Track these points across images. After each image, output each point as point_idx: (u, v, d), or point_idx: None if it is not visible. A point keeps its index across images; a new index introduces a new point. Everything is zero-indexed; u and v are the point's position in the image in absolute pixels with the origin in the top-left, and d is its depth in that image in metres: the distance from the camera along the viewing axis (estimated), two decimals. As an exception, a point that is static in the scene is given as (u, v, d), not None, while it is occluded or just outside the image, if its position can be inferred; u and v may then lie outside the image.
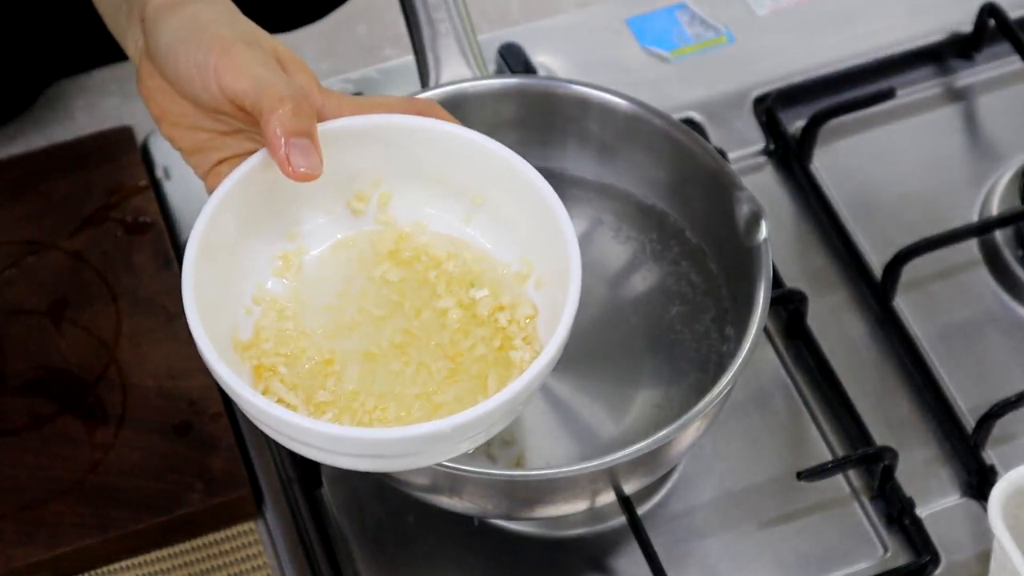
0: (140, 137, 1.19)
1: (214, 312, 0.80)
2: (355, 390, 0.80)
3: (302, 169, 0.78)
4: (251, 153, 0.82)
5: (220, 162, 0.84)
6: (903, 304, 1.13)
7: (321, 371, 0.81)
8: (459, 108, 1.05)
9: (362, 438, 0.75)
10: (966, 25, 1.25)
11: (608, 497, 0.98)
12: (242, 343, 0.82)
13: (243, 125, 0.82)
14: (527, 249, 0.83)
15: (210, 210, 0.80)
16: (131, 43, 0.87)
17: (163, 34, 0.82)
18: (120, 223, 1.14)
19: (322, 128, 0.81)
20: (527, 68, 1.22)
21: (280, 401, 0.80)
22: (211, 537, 1.04)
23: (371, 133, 0.82)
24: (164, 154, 1.18)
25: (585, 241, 1.09)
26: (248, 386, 0.77)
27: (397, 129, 0.82)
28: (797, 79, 1.23)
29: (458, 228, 0.86)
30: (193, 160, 0.85)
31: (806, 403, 1.09)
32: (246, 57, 0.80)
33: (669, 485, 1.06)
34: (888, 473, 1.04)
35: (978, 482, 1.06)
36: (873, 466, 1.05)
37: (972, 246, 1.16)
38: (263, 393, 0.80)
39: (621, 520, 1.02)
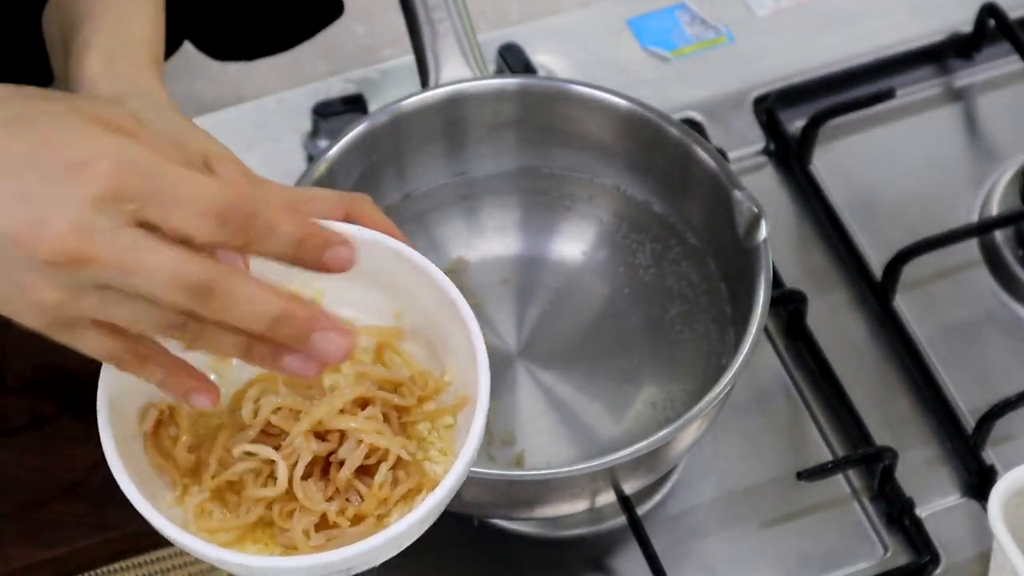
0: (140, 137, 1.19)
1: (133, 406, 0.80)
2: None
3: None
4: None
5: None
6: (903, 304, 1.13)
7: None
8: (459, 108, 1.05)
9: (264, 566, 0.76)
10: (966, 25, 1.25)
11: (608, 497, 0.98)
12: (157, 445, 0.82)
13: None
14: (448, 359, 0.83)
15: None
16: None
17: None
18: (120, 223, 1.14)
19: None
20: (527, 68, 1.22)
21: (201, 510, 0.80)
22: (211, 537, 1.04)
23: None
24: (164, 154, 1.18)
25: (585, 241, 1.09)
26: (156, 503, 0.78)
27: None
28: (797, 79, 1.23)
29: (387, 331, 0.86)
30: None
31: (806, 403, 1.09)
32: None
33: (669, 485, 1.06)
34: (888, 473, 1.04)
35: (978, 482, 1.06)
36: (873, 466, 1.05)
37: (972, 246, 1.16)
38: (182, 496, 0.81)
39: (621, 520, 1.02)
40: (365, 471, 0.79)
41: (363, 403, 0.80)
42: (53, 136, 0.67)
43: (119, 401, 0.79)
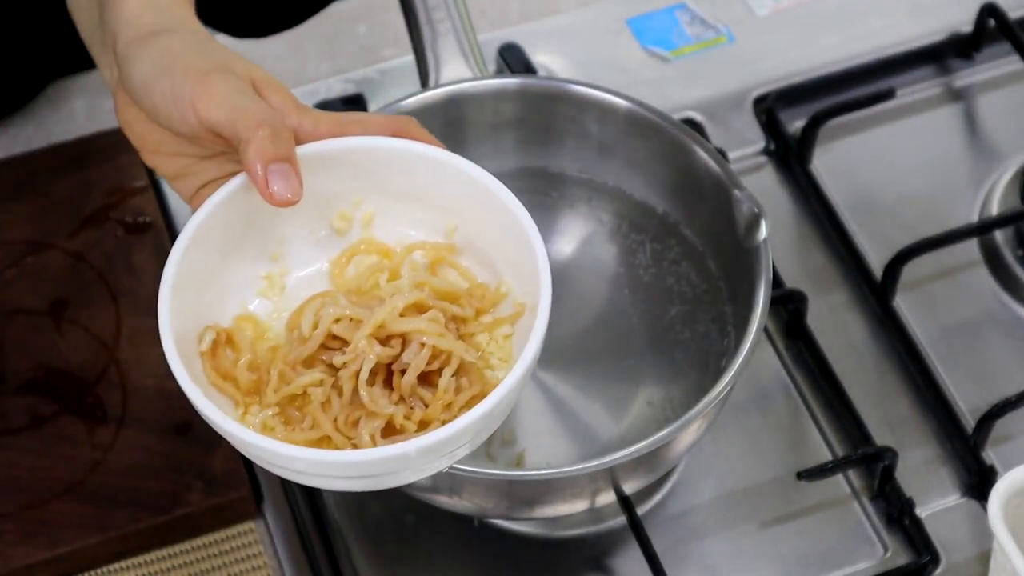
0: (140, 137, 1.19)
1: (192, 333, 0.81)
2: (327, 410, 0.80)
3: (282, 195, 0.79)
4: (234, 175, 0.82)
5: (204, 186, 0.84)
6: (903, 304, 1.13)
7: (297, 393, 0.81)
8: (459, 108, 1.05)
9: (338, 461, 0.76)
10: (966, 25, 1.25)
11: (608, 497, 0.98)
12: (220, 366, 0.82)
13: (224, 148, 0.83)
14: (504, 269, 0.83)
15: (187, 236, 0.81)
16: (106, 71, 0.87)
17: (136, 68, 0.82)
18: (120, 223, 1.14)
19: (300, 152, 0.81)
20: (527, 68, 1.22)
21: (264, 427, 0.80)
22: (211, 537, 1.04)
23: (348, 156, 0.82)
24: (164, 154, 1.18)
25: (585, 241, 1.09)
26: (225, 414, 0.77)
27: (374, 151, 0.82)
28: (797, 79, 1.23)
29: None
30: (176, 185, 0.85)
31: (806, 403, 1.09)
32: (221, 86, 0.80)
33: (669, 485, 1.06)
34: (888, 473, 1.04)
35: (978, 482, 1.06)
36: (873, 466, 1.05)
37: (972, 246, 1.16)
38: (243, 415, 0.81)
39: (621, 520, 1.02)
40: (427, 380, 0.79)
41: (422, 311, 0.81)
42: None
43: (177, 324, 0.79)
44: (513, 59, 1.22)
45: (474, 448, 0.79)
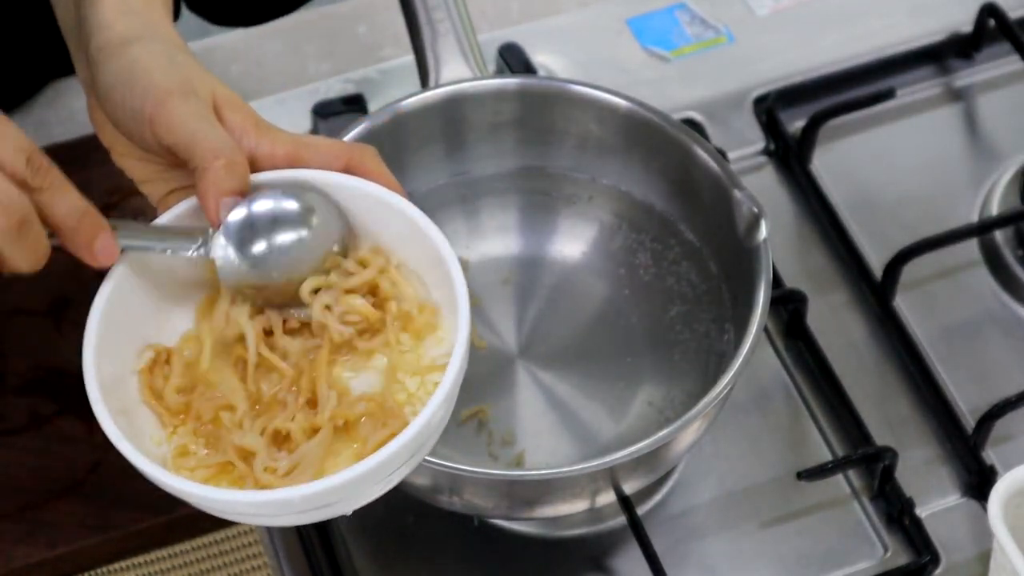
0: (140, 137, 1.19)
1: (131, 350, 0.82)
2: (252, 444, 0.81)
3: None
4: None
5: (170, 192, 0.84)
6: (903, 304, 1.13)
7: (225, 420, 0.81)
8: (459, 108, 1.05)
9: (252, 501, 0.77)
10: (966, 25, 1.25)
11: (608, 497, 0.98)
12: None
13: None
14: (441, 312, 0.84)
15: (121, 269, 0.81)
16: (81, 70, 0.88)
17: (103, 75, 0.82)
18: (120, 223, 1.14)
19: (253, 179, 0.81)
20: (527, 68, 1.22)
21: (184, 450, 0.81)
22: (211, 537, 1.04)
23: (298, 185, 0.82)
24: (164, 154, 1.18)
25: (585, 241, 1.09)
26: (158, 465, 0.78)
27: (321, 184, 0.82)
28: (797, 79, 1.23)
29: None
30: (145, 189, 0.86)
31: (806, 403, 1.09)
32: (180, 109, 0.80)
33: (669, 485, 1.06)
34: (888, 473, 1.04)
35: (978, 482, 1.06)
36: (873, 466, 1.05)
37: (972, 246, 1.16)
38: (170, 435, 0.82)
39: (621, 520, 1.02)
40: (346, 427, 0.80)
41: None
42: None
43: (116, 338, 0.81)
44: (513, 59, 1.22)
45: (410, 469, 0.79)
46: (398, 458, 0.77)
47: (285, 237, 0.81)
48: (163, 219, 0.82)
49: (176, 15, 1.28)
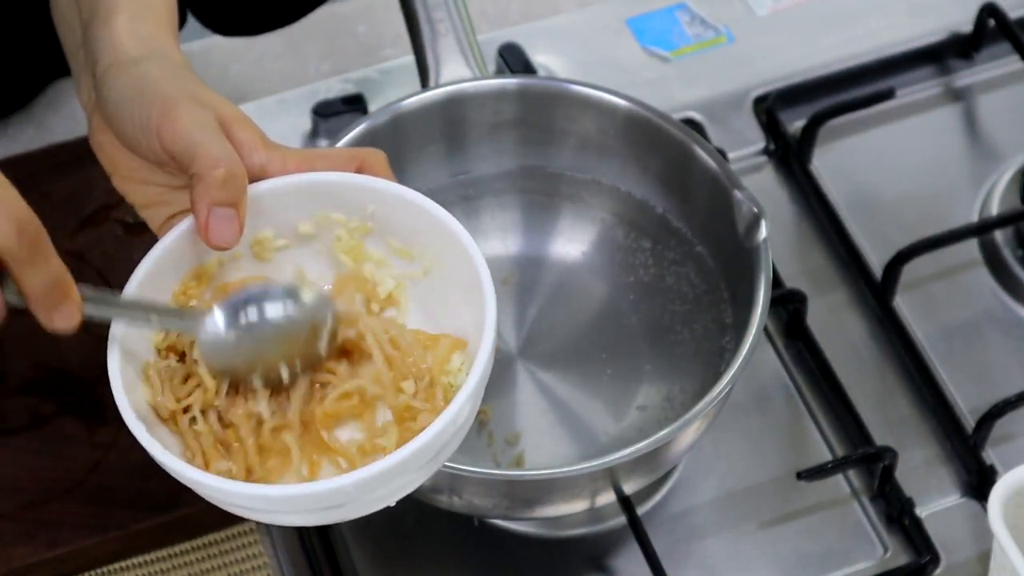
0: (140, 137, 1.19)
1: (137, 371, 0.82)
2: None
3: (218, 239, 0.79)
4: None
5: (172, 216, 0.84)
6: (903, 304, 1.13)
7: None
8: (459, 108, 1.05)
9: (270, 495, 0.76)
10: (966, 25, 1.25)
11: (608, 497, 0.98)
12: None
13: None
14: (455, 306, 0.83)
15: (139, 276, 0.81)
16: (83, 92, 0.88)
17: (112, 92, 0.82)
18: (120, 223, 1.14)
19: (262, 186, 0.81)
20: (527, 68, 1.22)
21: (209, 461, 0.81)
22: (211, 537, 1.04)
23: (309, 190, 0.82)
24: (164, 154, 1.18)
25: (585, 241, 1.09)
26: (176, 455, 0.78)
27: (334, 186, 0.82)
28: (797, 79, 1.23)
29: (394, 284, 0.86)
30: (145, 214, 0.86)
31: (806, 403, 1.09)
32: (186, 118, 0.80)
33: (669, 485, 1.06)
34: (888, 473, 1.04)
35: (978, 482, 1.06)
36: (873, 466, 1.05)
37: (972, 246, 1.16)
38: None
39: (621, 520, 1.02)
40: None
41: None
42: None
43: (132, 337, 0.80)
44: (513, 59, 1.22)
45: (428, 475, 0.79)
46: (416, 460, 0.76)
47: (271, 314, 0.81)
48: (150, 256, 0.81)
49: (181, 23, 1.28)
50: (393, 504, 0.78)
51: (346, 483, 0.75)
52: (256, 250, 0.84)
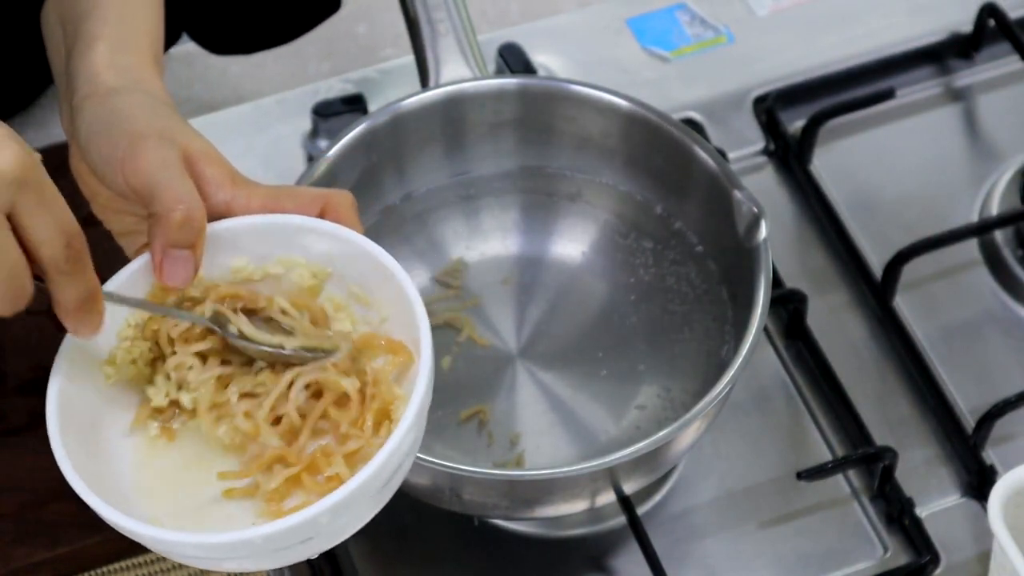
0: (140, 137, 1.19)
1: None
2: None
3: (171, 279, 0.79)
4: None
5: (145, 245, 0.84)
6: (903, 304, 1.13)
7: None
8: (459, 108, 1.05)
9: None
10: (966, 25, 1.25)
11: (608, 497, 0.98)
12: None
13: None
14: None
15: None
16: (64, 119, 0.88)
17: (84, 123, 0.83)
18: (120, 223, 1.14)
19: (221, 225, 0.81)
20: (527, 68, 1.22)
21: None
22: (211, 537, 1.04)
23: (267, 231, 0.82)
24: (164, 154, 1.18)
25: (585, 241, 1.09)
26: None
27: (291, 229, 0.82)
28: (797, 79, 1.23)
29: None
30: (122, 242, 0.86)
31: (806, 403, 1.09)
32: (150, 156, 0.80)
33: (669, 485, 1.06)
34: (888, 473, 1.04)
35: (978, 482, 1.06)
36: (873, 466, 1.05)
37: (972, 246, 1.16)
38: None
39: (621, 520, 1.02)
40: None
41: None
42: None
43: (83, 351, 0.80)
44: (513, 59, 1.22)
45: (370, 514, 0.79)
46: (368, 488, 0.76)
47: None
48: (115, 279, 0.81)
49: (175, 40, 1.28)
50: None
51: (298, 521, 0.75)
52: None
